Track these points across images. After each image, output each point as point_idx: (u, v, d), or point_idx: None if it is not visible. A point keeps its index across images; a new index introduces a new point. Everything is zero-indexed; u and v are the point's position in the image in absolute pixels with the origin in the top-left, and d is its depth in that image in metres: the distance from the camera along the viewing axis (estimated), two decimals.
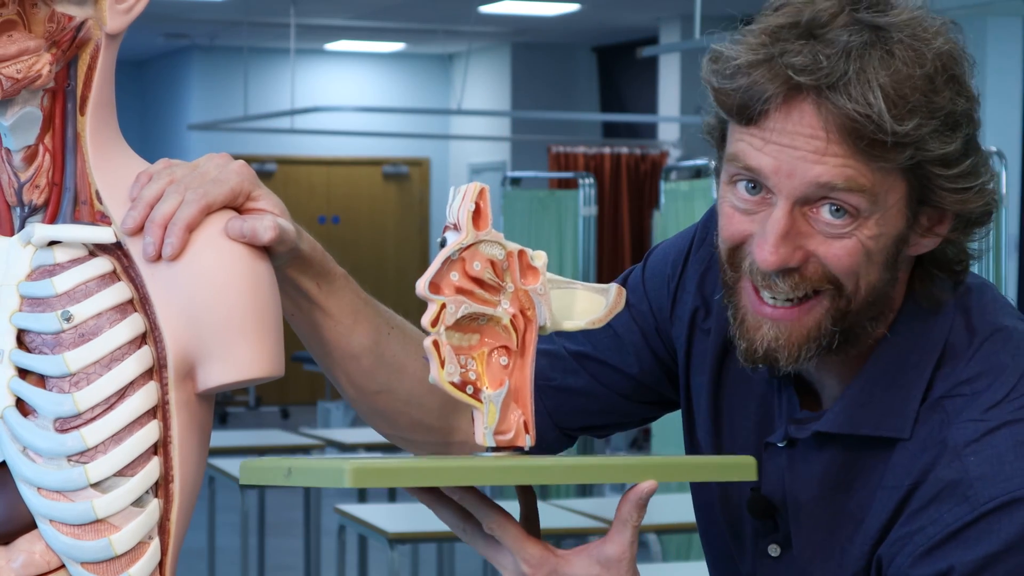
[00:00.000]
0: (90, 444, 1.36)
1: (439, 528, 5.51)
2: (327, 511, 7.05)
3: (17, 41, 1.36)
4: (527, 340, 1.45)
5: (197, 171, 1.42)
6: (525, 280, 1.45)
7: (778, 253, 1.44)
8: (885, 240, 1.46)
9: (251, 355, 1.39)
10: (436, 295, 1.40)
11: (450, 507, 1.46)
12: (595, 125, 14.73)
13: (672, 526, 5.45)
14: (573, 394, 1.70)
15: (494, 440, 1.43)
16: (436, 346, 1.40)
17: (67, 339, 1.37)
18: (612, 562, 1.44)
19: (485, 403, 1.42)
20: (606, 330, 1.68)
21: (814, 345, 1.47)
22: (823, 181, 1.42)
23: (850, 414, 1.51)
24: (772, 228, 1.44)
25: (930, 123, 1.41)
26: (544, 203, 8.80)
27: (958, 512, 1.44)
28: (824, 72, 1.40)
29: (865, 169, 1.42)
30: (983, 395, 1.48)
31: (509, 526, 1.44)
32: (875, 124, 1.40)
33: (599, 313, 1.49)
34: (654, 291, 1.70)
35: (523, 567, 1.44)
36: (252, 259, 1.40)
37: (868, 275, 1.46)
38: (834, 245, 1.45)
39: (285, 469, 1.39)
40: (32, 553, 1.37)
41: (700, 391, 1.66)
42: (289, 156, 15.19)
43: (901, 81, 1.41)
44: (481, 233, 1.42)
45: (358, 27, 13.73)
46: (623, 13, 12.60)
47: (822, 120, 1.41)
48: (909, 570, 1.46)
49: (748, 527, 1.60)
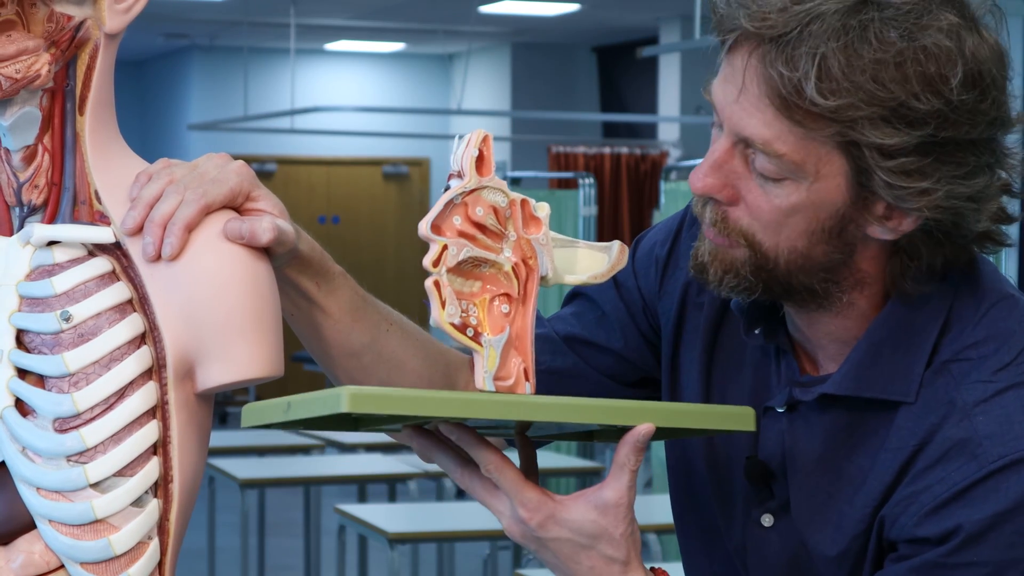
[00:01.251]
0: (89, 444, 1.36)
1: (439, 528, 5.55)
2: (327, 511, 7.05)
3: (16, 41, 1.36)
4: (529, 289, 1.45)
5: (196, 171, 1.42)
6: (527, 229, 1.45)
7: (705, 180, 1.47)
8: (816, 210, 1.45)
9: (250, 355, 1.39)
10: (438, 236, 1.41)
11: (447, 450, 1.47)
12: (595, 125, 14.73)
13: (672, 526, 5.43)
14: (562, 376, 1.70)
15: (494, 385, 1.42)
16: (437, 286, 1.40)
17: (66, 339, 1.37)
18: (610, 507, 1.45)
19: (485, 347, 1.42)
20: (594, 311, 1.71)
21: (736, 280, 1.49)
22: (746, 134, 1.44)
23: (856, 376, 1.52)
24: (709, 155, 1.48)
25: (869, 108, 1.39)
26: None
27: (966, 470, 1.44)
28: (769, 24, 1.41)
29: (787, 134, 1.42)
30: (990, 359, 1.48)
31: (507, 469, 1.44)
32: (794, 87, 1.40)
33: (602, 268, 1.49)
34: (643, 270, 1.71)
35: (520, 511, 1.45)
36: (251, 259, 1.40)
37: (792, 239, 1.47)
38: (761, 196, 1.46)
39: (284, 404, 1.40)
40: (31, 553, 1.37)
41: (690, 366, 1.66)
42: (289, 156, 15.18)
43: (849, 58, 1.39)
44: (484, 179, 1.42)
45: (358, 27, 13.72)
46: (623, 13, 12.60)
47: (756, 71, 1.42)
48: (915, 529, 1.46)
49: (739, 497, 1.61)
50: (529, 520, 1.45)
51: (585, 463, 6.87)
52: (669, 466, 1.71)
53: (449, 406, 1.38)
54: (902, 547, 1.48)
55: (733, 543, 1.62)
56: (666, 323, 1.69)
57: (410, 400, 1.37)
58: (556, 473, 6.86)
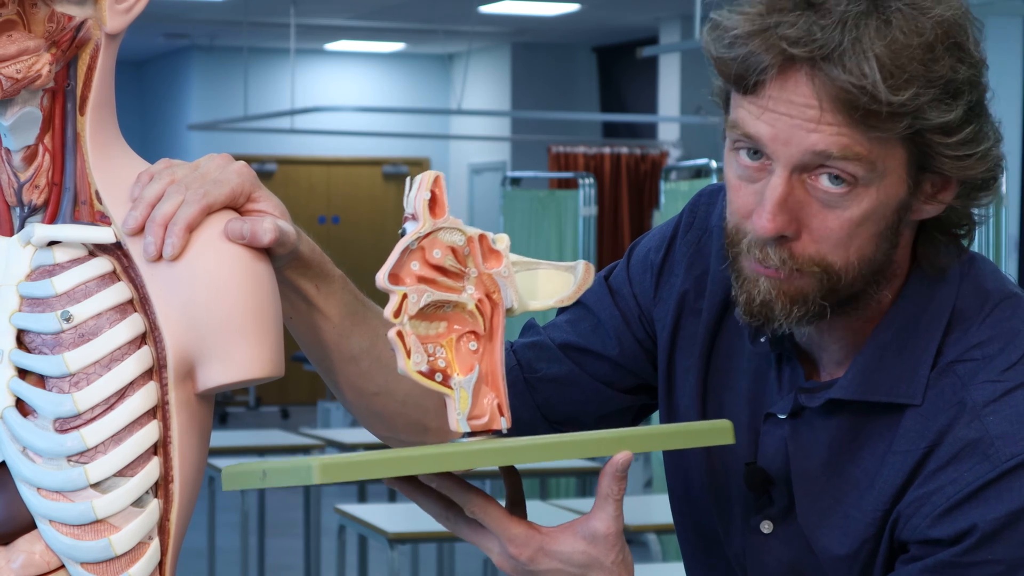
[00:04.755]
0: (90, 444, 1.36)
1: (439, 528, 5.51)
2: (327, 511, 7.05)
3: (17, 41, 1.36)
4: (495, 323, 1.45)
5: (198, 171, 1.42)
6: (488, 264, 1.44)
7: (775, 220, 1.45)
8: (884, 209, 1.46)
9: (251, 355, 1.39)
10: (397, 286, 1.40)
11: (430, 496, 1.47)
12: (595, 125, 14.73)
13: (672, 526, 5.44)
14: (558, 383, 1.70)
15: (468, 425, 1.43)
16: (400, 337, 1.40)
17: (67, 339, 1.37)
18: (599, 537, 1.45)
19: (456, 389, 1.42)
20: (590, 319, 1.71)
21: (804, 309, 1.48)
22: (819, 149, 1.43)
23: (863, 380, 1.52)
24: (770, 195, 1.45)
25: (928, 92, 1.42)
26: (544, 203, 8.80)
27: (979, 470, 1.45)
28: (818, 44, 1.41)
29: (861, 138, 1.42)
30: (996, 359, 1.49)
31: (491, 508, 1.45)
32: (869, 95, 1.40)
33: (568, 291, 1.49)
34: (637, 277, 1.71)
35: (509, 548, 1.45)
36: (252, 259, 1.40)
37: (862, 248, 1.47)
38: (828, 217, 1.45)
39: (260, 472, 1.40)
40: (32, 553, 1.37)
41: (687, 373, 1.66)
42: (289, 156, 15.18)
43: (898, 51, 1.41)
44: (439, 221, 1.42)
45: (358, 27, 13.72)
46: (623, 13, 12.60)
47: (815, 91, 1.42)
48: (928, 530, 1.46)
49: (738, 505, 1.60)
50: (519, 555, 1.45)
51: (585, 463, 6.87)
52: (667, 472, 1.70)
53: (419, 464, 1.38)
54: (914, 548, 1.48)
55: (732, 550, 1.62)
56: (662, 329, 1.69)
57: (380, 464, 1.37)
58: (557, 473, 6.85)
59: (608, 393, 1.71)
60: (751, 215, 1.48)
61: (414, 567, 6.65)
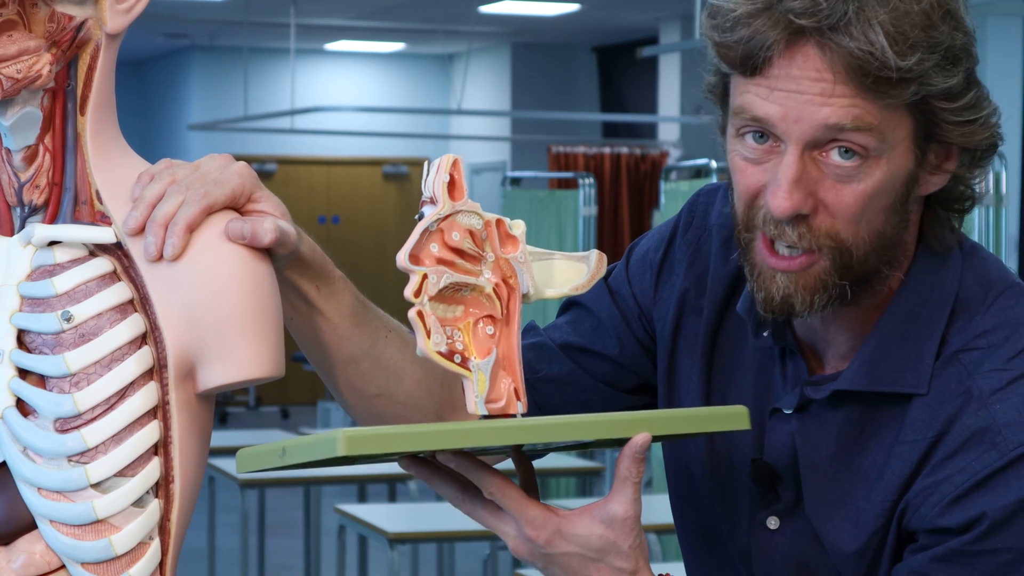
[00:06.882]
0: (90, 444, 1.36)
1: (439, 528, 5.54)
2: (327, 511, 7.05)
3: (17, 41, 1.36)
4: (511, 308, 1.45)
5: (198, 172, 1.42)
6: (505, 249, 1.45)
7: (792, 198, 1.45)
8: (895, 180, 1.47)
9: (251, 355, 1.39)
10: (417, 266, 1.41)
11: (447, 478, 1.47)
12: (595, 125, 14.73)
13: (673, 526, 5.43)
14: (559, 383, 1.71)
15: (486, 408, 1.43)
16: (421, 316, 1.41)
17: (67, 339, 1.37)
18: (617, 521, 1.45)
19: (474, 371, 1.42)
20: (589, 319, 1.71)
21: (826, 294, 1.48)
22: (831, 122, 1.43)
23: (868, 371, 1.52)
24: (785, 174, 1.45)
25: (931, 57, 1.43)
26: (544, 203, 8.79)
27: (987, 459, 1.45)
28: (824, 13, 1.41)
29: (872, 107, 1.43)
30: (1001, 348, 1.49)
31: (509, 489, 1.44)
32: (879, 61, 1.41)
33: (581, 279, 1.49)
34: (637, 277, 1.71)
35: (526, 529, 1.45)
36: (253, 260, 1.40)
37: (873, 221, 1.47)
38: (843, 191, 1.46)
39: (279, 450, 1.39)
40: (32, 553, 1.37)
41: (689, 372, 1.66)
42: (289, 156, 15.19)
43: (900, 18, 1.42)
44: (457, 203, 1.43)
45: (358, 27, 13.72)
46: (623, 13, 12.60)
47: (827, 61, 1.43)
48: (936, 519, 1.46)
49: (743, 501, 1.61)
50: (536, 537, 1.45)
51: (585, 463, 6.87)
52: (667, 470, 1.70)
53: (445, 439, 1.38)
54: (922, 537, 1.48)
55: (737, 546, 1.62)
56: (662, 329, 1.69)
57: (406, 437, 1.37)
58: (556, 473, 6.86)
59: (610, 393, 1.71)
60: (761, 192, 1.48)
61: (414, 567, 6.65)
